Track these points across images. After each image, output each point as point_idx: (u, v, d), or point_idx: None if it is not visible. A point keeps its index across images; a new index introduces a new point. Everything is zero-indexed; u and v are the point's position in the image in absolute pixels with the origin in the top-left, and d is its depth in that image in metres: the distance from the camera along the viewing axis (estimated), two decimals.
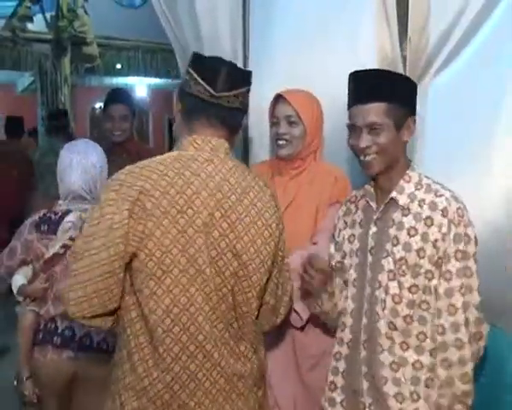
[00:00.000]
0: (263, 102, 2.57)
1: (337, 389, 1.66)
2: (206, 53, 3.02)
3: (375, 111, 1.51)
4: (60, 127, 4.96)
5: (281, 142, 2.03)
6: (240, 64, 2.97)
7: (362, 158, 1.55)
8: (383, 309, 1.53)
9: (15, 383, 2.05)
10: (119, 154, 3.07)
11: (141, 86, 8.77)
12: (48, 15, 6.88)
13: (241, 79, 1.48)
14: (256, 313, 1.46)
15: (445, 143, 2.23)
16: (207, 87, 1.40)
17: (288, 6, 2.77)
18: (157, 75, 8.00)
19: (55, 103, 7.06)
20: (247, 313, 1.43)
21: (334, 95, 2.58)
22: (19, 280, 2.01)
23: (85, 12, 6.84)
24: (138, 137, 3.59)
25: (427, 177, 1.61)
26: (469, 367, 1.48)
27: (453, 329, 1.47)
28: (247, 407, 1.44)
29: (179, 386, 1.35)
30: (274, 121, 2.10)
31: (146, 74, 8.05)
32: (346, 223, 1.69)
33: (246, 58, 2.95)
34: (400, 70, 2.44)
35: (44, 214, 2.04)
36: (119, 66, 7.69)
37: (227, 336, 1.40)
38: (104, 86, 7.47)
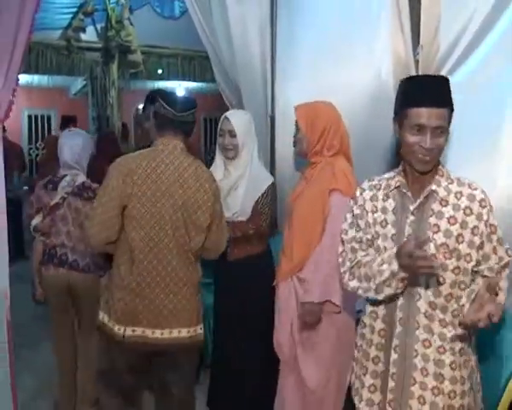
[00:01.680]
0: (288, 104, 2.61)
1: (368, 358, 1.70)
2: (238, 58, 3.10)
3: (443, 115, 1.52)
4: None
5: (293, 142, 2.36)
6: (268, 69, 3.00)
7: (421, 156, 1.54)
8: (426, 289, 1.57)
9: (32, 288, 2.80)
10: None
11: (180, 89, 8.84)
12: (98, 27, 7.01)
13: (191, 104, 2.13)
14: (200, 245, 2.08)
15: (456, 141, 2.23)
16: (171, 110, 2.07)
17: (312, 15, 2.79)
18: (194, 79, 8.06)
19: (104, 105, 7.21)
20: (196, 245, 2.06)
21: (354, 97, 2.60)
22: (34, 222, 2.69)
23: (131, 23, 6.94)
24: None
25: (450, 171, 1.64)
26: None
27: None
28: (189, 304, 2.05)
29: (145, 284, 2.00)
30: None
31: (184, 79, 8.10)
32: (375, 207, 1.67)
33: (273, 63, 2.98)
34: (413, 73, 2.45)
35: (50, 179, 2.72)
36: (160, 71, 7.77)
37: (182, 258, 2.03)
38: (147, 90, 7.52)
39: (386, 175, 1.71)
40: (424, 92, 1.53)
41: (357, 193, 1.75)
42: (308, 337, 2.23)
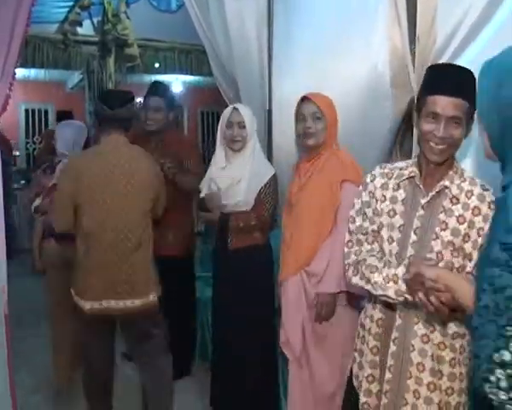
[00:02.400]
0: (284, 96, 2.60)
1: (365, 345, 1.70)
2: (235, 52, 3.09)
3: (459, 106, 1.48)
4: None
5: (307, 134, 2.21)
6: (265, 62, 2.99)
7: (433, 144, 1.52)
8: None
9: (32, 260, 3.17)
10: (155, 141, 3.08)
11: (177, 83, 8.80)
12: (95, 20, 6.96)
13: (125, 99, 2.35)
14: (147, 227, 2.35)
15: None
16: (107, 109, 2.30)
17: (309, 10, 2.77)
18: (191, 73, 8.03)
19: None
20: (141, 222, 2.33)
21: (350, 88, 2.59)
22: (35, 204, 3.03)
23: (127, 17, 6.89)
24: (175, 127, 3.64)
25: (464, 169, 1.62)
26: None
27: None
28: (137, 277, 2.30)
29: (96, 262, 2.27)
30: (300, 118, 2.24)
31: (181, 72, 8.07)
32: (384, 196, 1.65)
33: (270, 57, 2.97)
34: (410, 65, 2.45)
35: (48, 164, 3.13)
36: (157, 65, 7.73)
37: (130, 240, 2.29)
38: (144, 83, 7.46)
39: (399, 164, 1.69)
40: (443, 80, 1.50)
41: (368, 179, 1.71)
42: (320, 332, 2.19)
